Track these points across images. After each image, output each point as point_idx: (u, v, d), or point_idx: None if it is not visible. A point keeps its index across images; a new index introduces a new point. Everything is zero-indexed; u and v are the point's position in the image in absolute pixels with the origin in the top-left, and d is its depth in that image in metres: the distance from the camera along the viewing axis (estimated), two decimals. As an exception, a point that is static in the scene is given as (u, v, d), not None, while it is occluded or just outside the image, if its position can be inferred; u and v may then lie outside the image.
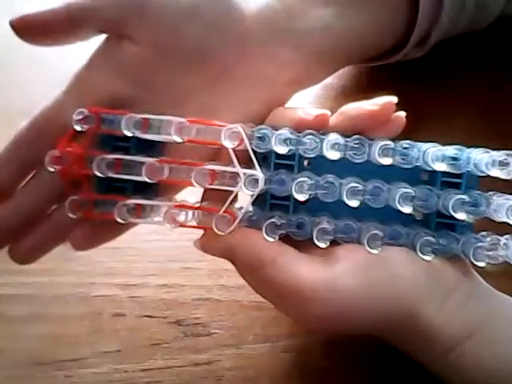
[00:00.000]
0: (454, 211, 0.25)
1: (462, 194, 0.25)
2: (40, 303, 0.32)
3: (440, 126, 0.38)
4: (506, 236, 0.26)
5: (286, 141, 0.26)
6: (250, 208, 0.26)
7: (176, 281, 0.33)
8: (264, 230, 0.26)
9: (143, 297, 0.32)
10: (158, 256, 0.34)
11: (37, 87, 0.45)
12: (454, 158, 0.26)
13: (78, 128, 0.26)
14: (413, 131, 0.30)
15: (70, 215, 0.26)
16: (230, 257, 0.26)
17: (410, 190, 0.25)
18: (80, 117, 0.26)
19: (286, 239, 0.26)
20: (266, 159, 0.26)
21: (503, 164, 0.25)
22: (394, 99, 0.26)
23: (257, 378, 0.29)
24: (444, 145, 0.26)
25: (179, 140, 0.26)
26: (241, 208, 0.26)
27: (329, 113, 0.26)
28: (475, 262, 0.25)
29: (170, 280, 0.33)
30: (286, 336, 0.30)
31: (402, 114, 0.26)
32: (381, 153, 0.25)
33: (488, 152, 0.25)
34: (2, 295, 0.33)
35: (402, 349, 0.26)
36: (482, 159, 0.25)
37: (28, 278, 0.33)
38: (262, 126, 0.26)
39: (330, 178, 0.26)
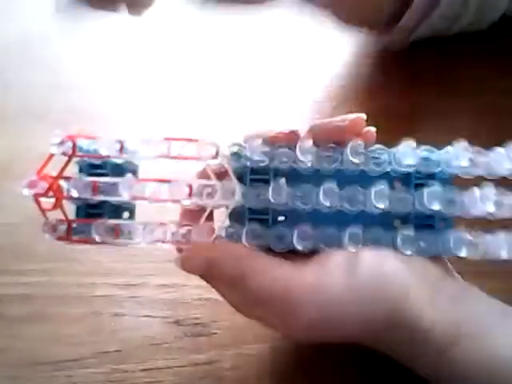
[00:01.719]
0: (429, 202, 0.25)
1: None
2: (40, 303, 0.32)
3: (440, 126, 0.38)
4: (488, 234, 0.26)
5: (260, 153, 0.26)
6: (227, 221, 0.26)
7: (176, 281, 0.33)
8: (244, 235, 0.26)
9: (143, 297, 0.32)
10: (158, 256, 0.34)
11: (37, 89, 0.45)
12: (426, 159, 0.26)
13: (54, 151, 0.26)
14: (413, 131, 0.30)
15: (47, 236, 0.27)
16: (210, 271, 0.25)
17: (383, 187, 0.25)
18: (58, 141, 0.26)
19: (267, 251, 0.26)
20: (241, 179, 0.27)
21: (471, 159, 0.25)
22: (363, 115, 0.26)
23: (257, 377, 0.29)
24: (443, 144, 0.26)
25: (154, 156, 0.26)
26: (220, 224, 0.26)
27: (299, 130, 0.27)
28: (455, 252, 0.25)
29: (170, 280, 0.33)
30: (286, 337, 0.30)
31: (373, 129, 0.27)
32: (353, 152, 0.26)
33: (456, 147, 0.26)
34: (2, 295, 0.33)
35: (393, 355, 0.26)
36: (450, 154, 0.26)
37: (28, 278, 0.33)
38: (236, 143, 0.26)
39: (306, 186, 0.26)
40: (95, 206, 0.27)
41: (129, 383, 0.29)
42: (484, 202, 0.25)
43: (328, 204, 0.25)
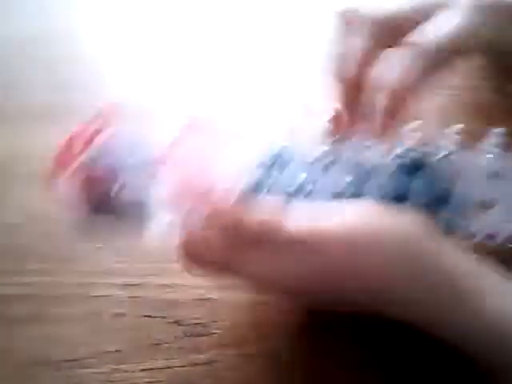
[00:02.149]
0: (439, 169, 0.28)
1: None
2: (40, 303, 0.32)
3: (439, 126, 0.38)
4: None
5: None
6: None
7: (176, 281, 0.33)
8: (270, 184, 0.27)
9: (143, 297, 0.32)
10: (158, 256, 0.34)
11: (37, 89, 0.45)
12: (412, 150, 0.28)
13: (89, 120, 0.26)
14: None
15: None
16: (236, 227, 0.25)
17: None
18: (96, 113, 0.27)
19: None
20: None
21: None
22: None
23: (257, 377, 0.29)
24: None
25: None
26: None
27: None
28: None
29: (170, 280, 0.33)
30: (286, 336, 0.30)
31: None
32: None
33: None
34: (2, 295, 0.33)
35: (414, 311, 0.25)
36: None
37: (28, 278, 0.33)
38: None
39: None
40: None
41: (129, 383, 0.29)
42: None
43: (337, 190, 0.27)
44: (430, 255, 0.25)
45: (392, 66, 0.30)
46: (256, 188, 0.28)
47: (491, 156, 0.28)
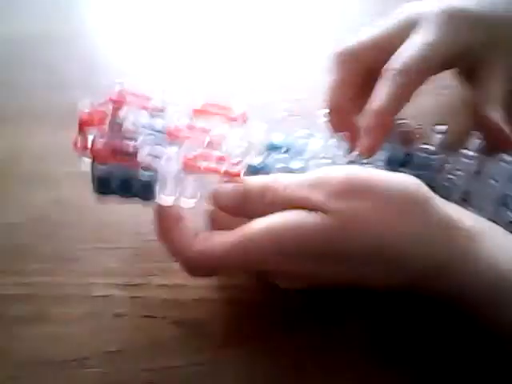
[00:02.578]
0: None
1: None
2: (40, 303, 0.32)
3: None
4: None
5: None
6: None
7: (176, 281, 0.33)
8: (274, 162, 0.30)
9: (143, 297, 0.32)
10: (158, 256, 0.34)
11: (37, 89, 0.45)
12: None
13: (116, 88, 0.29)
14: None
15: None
16: (244, 196, 0.27)
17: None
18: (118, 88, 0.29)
19: None
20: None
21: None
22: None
23: (257, 377, 0.29)
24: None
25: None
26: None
27: None
28: None
29: (170, 280, 0.33)
30: (285, 336, 0.30)
31: None
32: None
33: None
34: (2, 295, 0.33)
35: (423, 266, 0.26)
36: None
37: (28, 278, 0.33)
38: None
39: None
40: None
41: (129, 383, 0.29)
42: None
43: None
44: (433, 201, 0.26)
45: (374, 92, 0.31)
46: (259, 169, 0.29)
47: (472, 156, 0.30)
